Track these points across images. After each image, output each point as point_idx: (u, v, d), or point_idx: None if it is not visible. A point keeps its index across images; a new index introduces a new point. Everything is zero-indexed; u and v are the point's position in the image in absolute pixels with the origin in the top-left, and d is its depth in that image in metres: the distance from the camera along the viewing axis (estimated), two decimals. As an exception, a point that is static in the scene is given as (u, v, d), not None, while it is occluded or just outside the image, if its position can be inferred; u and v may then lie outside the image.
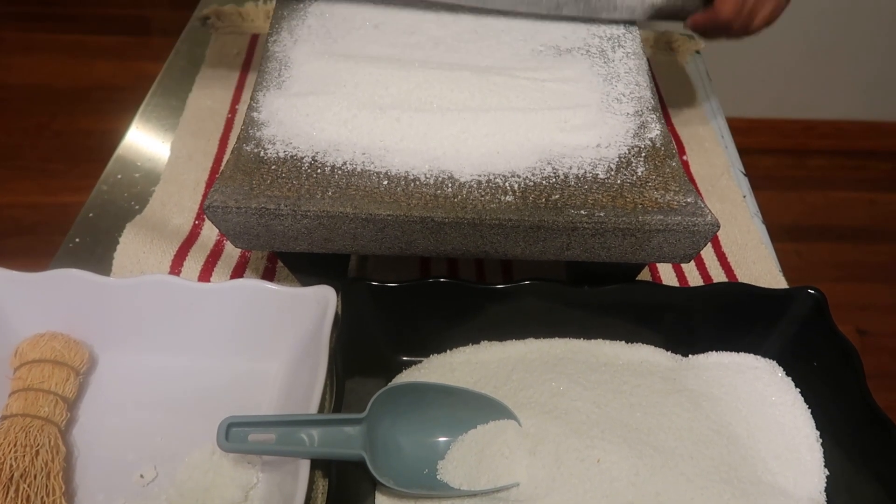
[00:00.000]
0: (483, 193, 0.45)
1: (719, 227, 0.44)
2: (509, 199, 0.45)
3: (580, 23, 0.60)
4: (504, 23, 0.59)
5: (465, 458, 0.44)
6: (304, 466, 0.40)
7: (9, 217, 1.54)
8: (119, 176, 0.65)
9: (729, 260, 0.63)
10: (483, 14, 0.60)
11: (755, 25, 0.58)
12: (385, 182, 0.45)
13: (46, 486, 0.41)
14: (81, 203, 0.63)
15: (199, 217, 0.61)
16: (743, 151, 0.75)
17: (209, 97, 0.74)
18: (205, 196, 0.63)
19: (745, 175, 0.72)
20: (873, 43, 1.68)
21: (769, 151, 1.82)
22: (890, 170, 1.84)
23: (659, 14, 0.59)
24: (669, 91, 0.80)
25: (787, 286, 0.60)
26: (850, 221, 1.70)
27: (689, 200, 0.46)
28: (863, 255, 1.62)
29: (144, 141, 0.70)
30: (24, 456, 0.41)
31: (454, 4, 0.59)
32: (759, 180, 0.73)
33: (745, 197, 0.68)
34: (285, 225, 0.44)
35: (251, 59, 0.80)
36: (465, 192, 0.45)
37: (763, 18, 0.58)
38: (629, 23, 0.60)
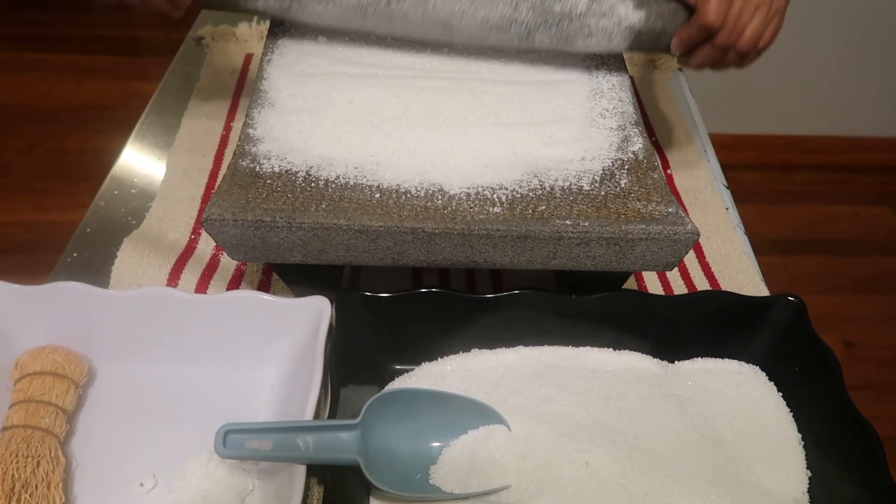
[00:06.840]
0: (472, 205, 0.47)
1: (699, 235, 0.46)
2: (497, 211, 0.46)
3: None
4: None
5: (456, 463, 0.45)
6: (300, 472, 0.41)
7: (0, 235, 1.54)
8: (116, 192, 0.67)
9: (713, 270, 0.64)
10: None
11: (744, 42, 0.54)
12: (377, 195, 0.47)
13: (47, 496, 0.42)
14: (73, 221, 0.64)
15: (196, 231, 0.63)
16: (729, 167, 0.77)
17: (204, 115, 0.75)
18: (201, 211, 0.65)
19: (728, 188, 0.73)
20: (855, 59, 1.71)
21: (755, 167, 1.85)
22: (874, 184, 1.87)
23: (639, 40, 0.57)
24: (653, 107, 0.82)
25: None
26: (836, 235, 1.73)
27: (670, 210, 0.47)
28: (848, 267, 1.64)
29: (140, 158, 0.71)
30: (25, 466, 0.42)
31: (424, 41, 0.58)
32: (746, 195, 0.74)
33: (727, 209, 0.70)
34: (280, 237, 0.45)
35: (245, 78, 0.81)
36: (454, 203, 0.47)
37: (753, 32, 0.53)
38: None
